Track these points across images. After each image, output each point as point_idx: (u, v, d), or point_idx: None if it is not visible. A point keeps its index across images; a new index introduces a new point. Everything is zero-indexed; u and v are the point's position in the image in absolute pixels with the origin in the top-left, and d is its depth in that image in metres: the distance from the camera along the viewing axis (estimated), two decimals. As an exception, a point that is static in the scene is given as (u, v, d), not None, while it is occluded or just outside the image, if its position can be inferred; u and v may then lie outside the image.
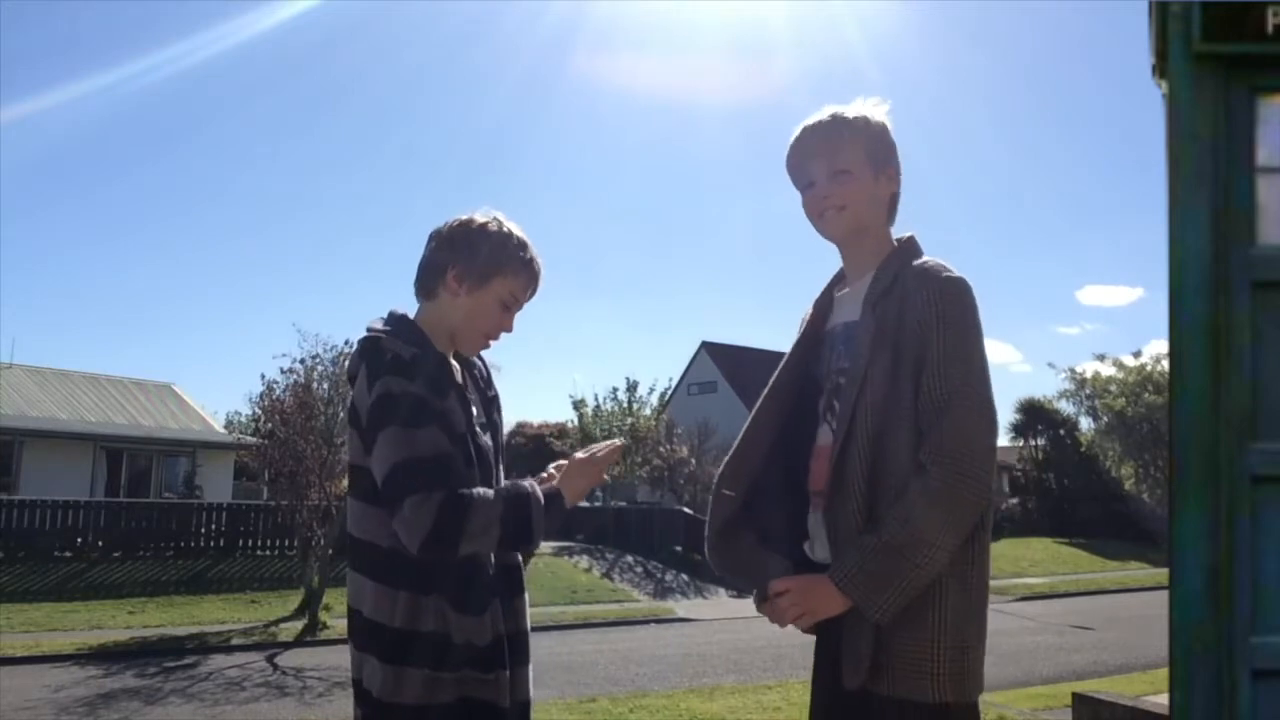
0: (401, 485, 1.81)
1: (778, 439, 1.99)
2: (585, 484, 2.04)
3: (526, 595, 2.08)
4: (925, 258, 1.90)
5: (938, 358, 1.76)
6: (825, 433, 1.92)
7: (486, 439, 2.03)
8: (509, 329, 2.10)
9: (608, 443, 2.10)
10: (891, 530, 1.72)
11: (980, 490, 1.72)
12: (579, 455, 2.08)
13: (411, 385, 1.87)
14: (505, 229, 2.06)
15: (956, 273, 1.84)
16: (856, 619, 1.76)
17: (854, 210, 1.93)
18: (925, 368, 1.77)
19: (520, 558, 2.10)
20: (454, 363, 2.09)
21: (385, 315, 2.05)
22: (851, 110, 1.95)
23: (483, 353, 2.22)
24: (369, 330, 2.00)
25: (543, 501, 1.91)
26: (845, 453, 1.81)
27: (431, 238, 2.09)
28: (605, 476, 2.13)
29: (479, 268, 2.02)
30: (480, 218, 2.07)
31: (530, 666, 2.05)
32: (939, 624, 1.73)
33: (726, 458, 2.01)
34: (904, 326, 1.80)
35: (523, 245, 2.06)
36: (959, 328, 1.78)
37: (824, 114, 1.96)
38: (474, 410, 2.03)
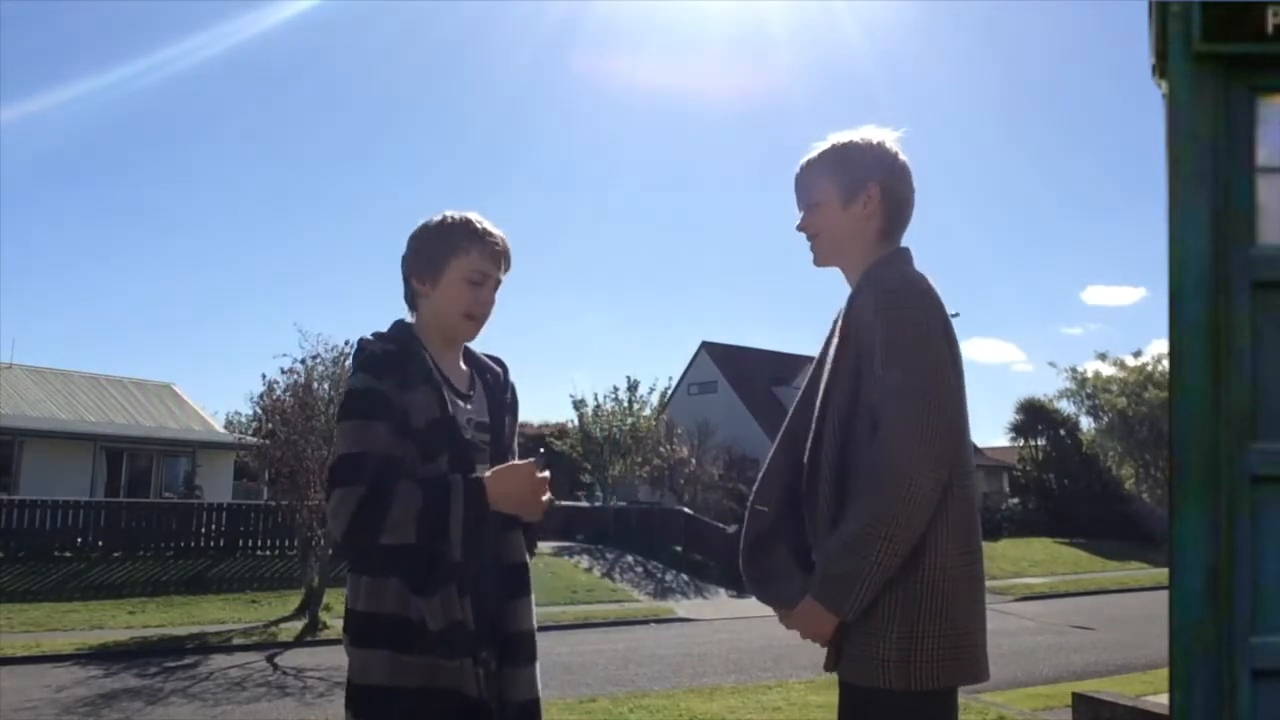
0: (334, 478, 1.92)
1: (804, 453, 2.03)
2: (514, 489, 1.96)
3: (531, 597, 2.09)
4: (897, 267, 1.94)
5: (879, 357, 1.81)
6: None
7: (477, 435, 2.07)
8: (486, 302, 2.12)
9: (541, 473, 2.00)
10: (846, 529, 1.79)
11: (919, 484, 1.74)
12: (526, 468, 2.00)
13: (375, 381, 1.95)
14: (444, 217, 2.12)
15: (915, 276, 1.90)
16: None
17: (826, 238, 2.05)
18: (871, 367, 1.83)
19: (529, 558, 2.11)
20: (463, 367, 2.15)
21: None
22: (835, 139, 2.06)
23: (489, 355, 2.27)
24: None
25: (462, 497, 1.91)
26: (813, 461, 1.91)
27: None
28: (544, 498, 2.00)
29: (428, 259, 2.10)
30: (423, 221, 2.15)
31: (536, 667, 2.06)
32: (887, 612, 1.78)
33: (760, 473, 2.07)
34: (858, 330, 1.88)
35: (466, 222, 2.11)
36: (896, 326, 1.82)
37: (816, 147, 2.07)
38: (460, 404, 2.07)
